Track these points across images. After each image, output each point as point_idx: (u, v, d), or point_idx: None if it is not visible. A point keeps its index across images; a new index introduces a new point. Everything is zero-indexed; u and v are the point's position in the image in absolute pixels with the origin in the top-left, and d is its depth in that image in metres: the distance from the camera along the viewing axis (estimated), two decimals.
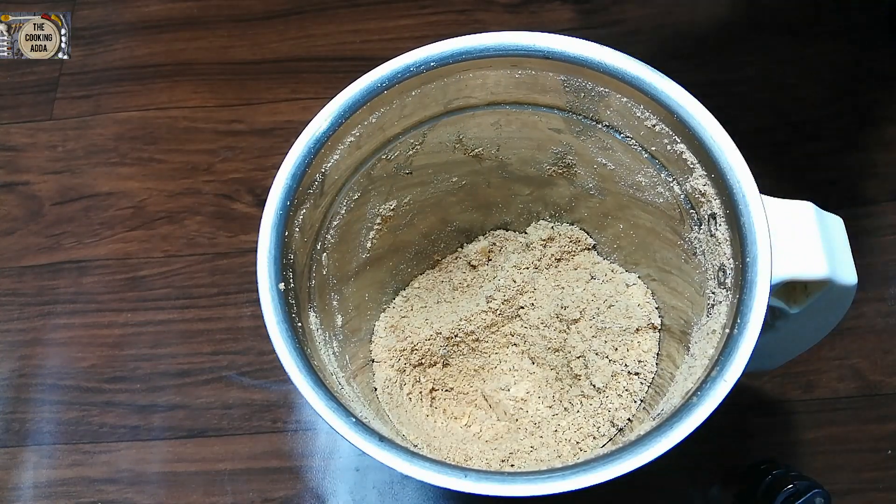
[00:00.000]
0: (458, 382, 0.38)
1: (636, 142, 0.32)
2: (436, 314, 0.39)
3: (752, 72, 0.52)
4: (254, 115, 0.54)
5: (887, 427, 0.42)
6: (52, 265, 0.49)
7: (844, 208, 0.47)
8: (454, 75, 0.32)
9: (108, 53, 0.57)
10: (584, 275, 0.39)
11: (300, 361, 0.27)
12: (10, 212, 0.51)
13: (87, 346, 0.47)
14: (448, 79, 0.32)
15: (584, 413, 0.35)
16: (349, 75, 0.31)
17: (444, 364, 0.38)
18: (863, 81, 0.52)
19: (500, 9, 0.56)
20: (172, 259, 0.49)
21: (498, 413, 0.37)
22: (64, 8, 0.57)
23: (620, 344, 0.37)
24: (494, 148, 0.36)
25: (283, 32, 0.57)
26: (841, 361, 0.43)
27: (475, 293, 0.40)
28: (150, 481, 0.43)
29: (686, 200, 0.31)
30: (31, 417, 0.45)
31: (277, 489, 0.42)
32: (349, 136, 0.31)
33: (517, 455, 0.34)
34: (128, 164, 0.52)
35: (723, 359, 0.26)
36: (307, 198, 0.30)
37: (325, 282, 0.33)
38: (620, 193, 0.35)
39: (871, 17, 0.54)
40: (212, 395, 0.45)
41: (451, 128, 0.35)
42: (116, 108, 0.55)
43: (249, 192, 0.51)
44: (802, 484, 0.36)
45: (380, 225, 0.37)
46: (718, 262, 0.29)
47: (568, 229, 0.40)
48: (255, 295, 0.28)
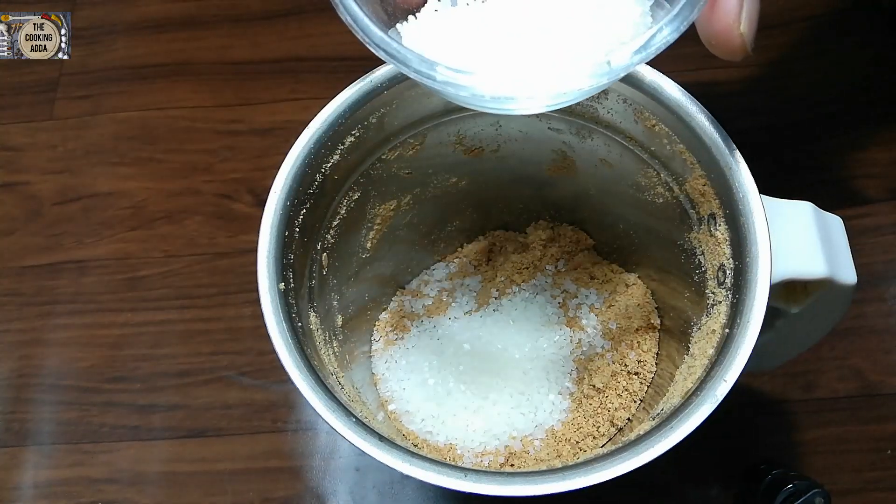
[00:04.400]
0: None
1: (636, 142, 0.32)
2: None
3: (753, 72, 0.52)
4: (253, 114, 0.54)
5: (887, 427, 0.42)
6: (51, 265, 0.49)
7: (844, 208, 0.47)
8: None
9: (108, 53, 0.57)
10: (583, 275, 0.39)
11: (300, 361, 0.27)
12: (10, 212, 0.51)
13: (87, 346, 0.47)
14: None
15: (583, 413, 0.35)
16: (349, 75, 0.31)
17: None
18: (863, 81, 0.52)
19: None
20: (172, 259, 0.49)
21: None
22: (64, 8, 0.57)
23: (620, 344, 0.37)
24: (494, 148, 0.36)
25: (282, 32, 0.57)
26: (841, 361, 0.43)
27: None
28: (150, 481, 0.43)
29: (686, 200, 0.31)
30: (31, 417, 0.45)
31: (277, 489, 0.42)
32: (349, 136, 0.31)
33: (517, 455, 0.34)
34: (127, 164, 0.52)
35: (722, 359, 0.26)
36: (307, 198, 0.30)
37: (325, 282, 0.33)
38: (620, 193, 0.35)
39: (872, 16, 0.54)
40: (212, 395, 0.45)
41: (451, 128, 0.35)
42: (116, 108, 0.55)
43: (249, 192, 0.51)
44: (802, 484, 0.36)
45: (380, 225, 0.37)
46: (718, 262, 0.29)
47: (568, 229, 0.40)
48: (255, 295, 0.28)
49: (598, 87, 0.24)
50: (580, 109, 0.33)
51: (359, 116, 0.31)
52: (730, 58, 0.24)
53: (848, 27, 0.53)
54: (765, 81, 0.52)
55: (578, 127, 0.34)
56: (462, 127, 0.35)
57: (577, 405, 0.35)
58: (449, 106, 0.33)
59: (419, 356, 0.37)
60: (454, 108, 0.34)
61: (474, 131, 0.35)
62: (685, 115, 0.29)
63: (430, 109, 0.33)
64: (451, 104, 0.33)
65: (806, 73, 0.52)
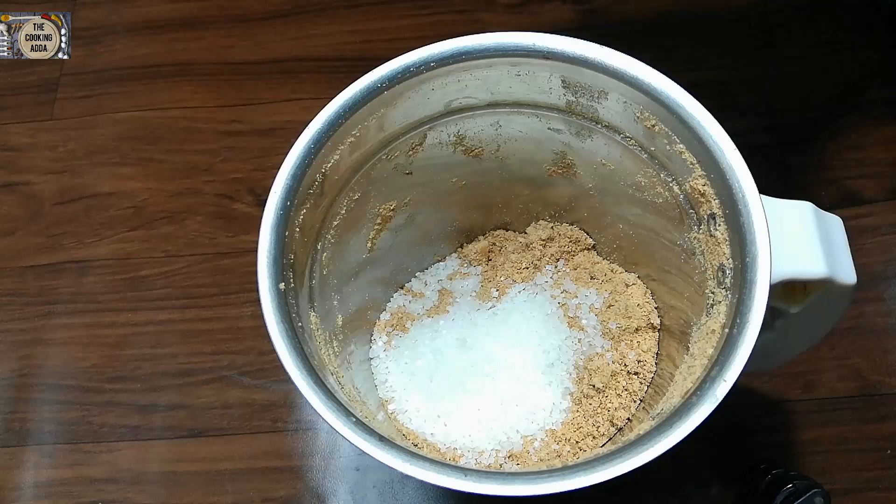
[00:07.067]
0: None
1: (636, 142, 0.32)
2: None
3: (752, 72, 0.52)
4: (254, 115, 0.54)
5: (887, 427, 0.42)
6: (52, 265, 0.49)
7: (843, 208, 0.47)
8: (454, 75, 0.32)
9: (108, 53, 0.57)
10: (583, 275, 0.39)
11: (300, 361, 0.27)
12: (11, 212, 0.51)
13: (88, 345, 0.47)
14: (448, 79, 0.32)
15: (583, 413, 0.35)
16: (349, 75, 0.31)
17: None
18: (863, 81, 0.52)
19: (500, 9, 0.56)
20: (173, 259, 0.49)
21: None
22: (64, 8, 0.57)
23: (620, 344, 0.37)
24: (494, 148, 0.36)
25: (283, 32, 0.57)
26: (841, 361, 0.43)
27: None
28: (151, 481, 0.43)
29: (685, 200, 0.31)
30: (31, 417, 0.45)
31: (278, 489, 0.42)
32: (349, 136, 0.31)
33: (517, 455, 0.34)
34: (128, 165, 0.53)
35: (722, 358, 0.26)
36: (307, 198, 0.30)
37: (325, 282, 0.33)
38: (620, 193, 0.35)
39: (871, 16, 0.54)
40: (212, 395, 0.45)
41: (451, 128, 0.35)
42: (117, 108, 0.55)
43: (250, 192, 0.51)
44: (802, 484, 0.36)
45: (380, 225, 0.37)
46: (718, 262, 0.29)
47: (568, 229, 0.40)
48: (256, 295, 0.28)
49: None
50: (580, 109, 0.33)
51: (359, 116, 0.31)
52: None
53: (847, 27, 0.53)
54: (765, 81, 0.52)
55: (578, 127, 0.34)
56: (462, 127, 0.35)
57: (577, 405, 0.35)
58: (449, 106, 0.33)
59: (419, 356, 0.37)
60: (454, 108, 0.34)
61: (474, 131, 0.35)
62: (685, 115, 0.29)
63: (430, 109, 0.33)
64: (451, 104, 0.33)
65: (805, 73, 0.52)
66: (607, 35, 0.54)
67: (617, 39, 0.32)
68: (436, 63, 0.31)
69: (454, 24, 0.56)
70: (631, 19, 0.55)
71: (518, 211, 0.40)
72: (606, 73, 0.30)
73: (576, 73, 0.31)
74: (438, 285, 0.41)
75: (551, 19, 0.55)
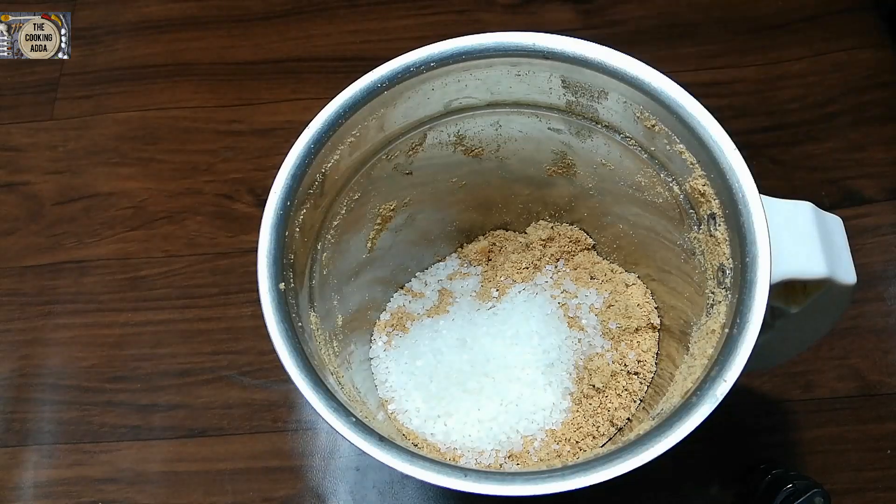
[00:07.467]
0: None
1: (636, 142, 0.32)
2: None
3: (752, 72, 0.52)
4: (254, 115, 0.54)
5: (887, 427, 0.42)
6: (52, 265, 0.49)
7: (843, 208, 0.48)
8: (454, 75, 0.32)
9: (108, 53, 0.57)
10: (583, 275, 0.39)
11: (300, 361, 0.27)
12: (11, 212, 0.51)
13: (88, 345, 0.47)
14: (448, 79, 0.32)
15: (583, 413, 0.35)
16: (349, 75, 0.31)
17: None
18: (862, 81, 0.52)
19: (500, 9, 0.56)
20: (173, 259, 0.49)
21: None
22: (64, 8, 0.57)
23: (620, 344, 0.37)
24: (494, 148, 0.36)
25: (283, 32, 0.57)
26: (840, 361, 0.43)
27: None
28: (151, 481, 0.43)
29: (685, 200, 0.31)
30: (31, 417, 0.45)
31: (278, 489, 0.42)
32: (349, 136, 0.31)
33: (517, 455, 0.34)
34: (128, 165, 0.53)
35: (722, 358, 0.26)
36: (307, 198, 0.30)
37: (325, 282, 0.33)
38: (620, 193, 0.35)
39: (870, 17, 0.54)
40: (212, 395, 0.45)
41: (451, 128, 0.35)
42: (117, 108, 0.55)
43: (250, 192, 0.51)
44: (802, 484, 0.36)
45: (380, 225, 0.37)
46: (718, 262, 0.29)
47: (568, 229, 0.40)
48: (256, 295, 0.28)
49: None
50: (580, 109, 0.33)
51: (359, 116, 0.31)
52: None
53: (847, 27, 0.53)
54: (764, 82, 0.52)
55: (578, 127, 0.34)
56: (462, 127, 0.35)
57: (577, 405, 0.35)
58: (449, 106, 0.33)
59: (419, 356, 0.37)
60: (454, 108, 0.34)
61: (474, 131, 0.35)
62: (685, 115, 0.29)
63: (430, 109, 0.33)
64: (451, 104, 0.33)
65: (805, 74, 0.52)
66: (607, 35, 0.55)
67: (617, 39, 0.32)
68: (436, 63, 0.31)
69: (454, 24, 0.56)
70: (631, 19, 0.55)
71: (518, 211, 0.40)
72: (606, 73, 0.30)
73: (576, 72, 0.31)
74: (438, 285, 0.41)
75: (551, 19, 0.55)
